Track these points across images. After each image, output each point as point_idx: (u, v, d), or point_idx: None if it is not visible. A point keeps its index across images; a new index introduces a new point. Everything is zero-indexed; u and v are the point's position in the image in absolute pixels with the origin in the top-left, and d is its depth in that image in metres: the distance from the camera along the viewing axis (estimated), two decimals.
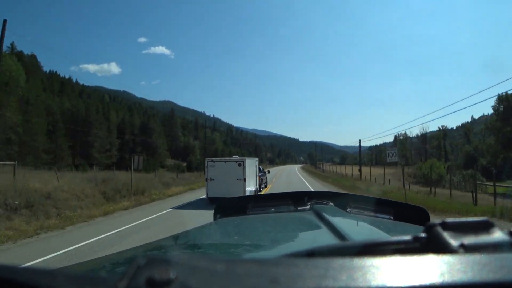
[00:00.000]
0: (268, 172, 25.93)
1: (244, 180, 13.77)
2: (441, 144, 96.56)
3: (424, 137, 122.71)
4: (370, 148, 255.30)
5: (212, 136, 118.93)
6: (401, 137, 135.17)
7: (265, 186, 20.97)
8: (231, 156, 19.82)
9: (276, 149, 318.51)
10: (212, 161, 14.58)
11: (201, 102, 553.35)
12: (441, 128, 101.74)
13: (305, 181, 31.94)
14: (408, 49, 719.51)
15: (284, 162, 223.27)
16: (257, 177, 17.05)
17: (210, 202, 12.92)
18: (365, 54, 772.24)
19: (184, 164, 62.67)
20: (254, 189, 15.23)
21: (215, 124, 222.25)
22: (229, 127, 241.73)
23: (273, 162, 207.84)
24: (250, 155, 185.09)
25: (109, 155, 56.18)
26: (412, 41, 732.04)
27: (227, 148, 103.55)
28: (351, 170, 41.82)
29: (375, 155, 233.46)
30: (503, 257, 0.37)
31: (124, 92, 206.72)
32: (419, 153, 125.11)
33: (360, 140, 37.57)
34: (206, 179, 14.15)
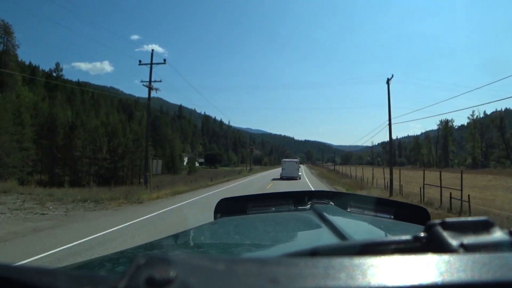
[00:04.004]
0: (299, 166, 36.89)
1: (298, 169, 31.42)
2: None
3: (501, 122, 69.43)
4: (383, 144, 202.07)
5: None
6: (450, 123, 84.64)
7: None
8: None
9: (268, 146, 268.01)
10: (284, 160, 33.38)
11: (193, 100, 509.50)
12: None
13: None
14: (405, 48, 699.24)
15: (277, 163, 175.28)
16: (299, 168, 34.56)
17: (281, 179, 29.97)
18: (362, 53, 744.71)
19: None
20: (300, 174, 33.16)
21: (180, 111, 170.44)
22: (205, 117, 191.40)
23: (260, 162, 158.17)
24: (226, 151, 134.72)
25: None
26: (409, 40, 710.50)
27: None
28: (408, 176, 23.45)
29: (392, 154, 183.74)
30: (503, 256, 0.37)
31: (111, 88, 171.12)
32: (488, 144, 74.11)
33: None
34: (282, 168, 31.92)
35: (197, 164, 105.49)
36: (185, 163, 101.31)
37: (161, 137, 62.41)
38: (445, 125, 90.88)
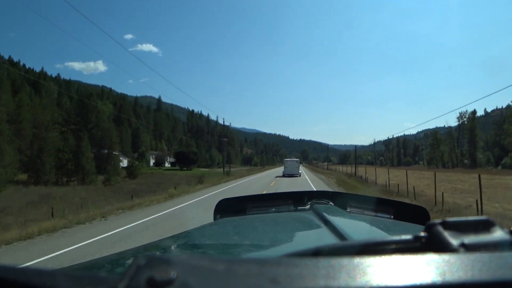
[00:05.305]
0: (299, 165, 41.17)
1: (298, 167, 36.25)
2: None
3: None
4: (387, 142, 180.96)
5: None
6: (465, 118, 67.18)
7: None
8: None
9: (260, 145, 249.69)
10: (286, 160, 39.67)
11: (188, 100, 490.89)
12: None
13: None
14: (400, 48, 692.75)
15: (271, 163, 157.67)
16: (300, 166, 39.41)
17: (283, 176, 33.53)
18: (357, 53, 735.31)
19: None
20: (301, 171, 38.95)
21: (159, 104, 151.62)
22: (190, 112, 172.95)
23: (250, 162, 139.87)
24: (209, 148, 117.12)
25: None
26: (404, 40, 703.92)
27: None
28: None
29: (396, 152, 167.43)
30: (503, 256, 0.36)
31: (103, 86, 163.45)
32: None
33: None
34: (284, 167, 36.70)
35: (167, 165, 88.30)
36: (151, 163, 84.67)
37: (92, 126, 44.42)
38: (473, 118, 73.79)
